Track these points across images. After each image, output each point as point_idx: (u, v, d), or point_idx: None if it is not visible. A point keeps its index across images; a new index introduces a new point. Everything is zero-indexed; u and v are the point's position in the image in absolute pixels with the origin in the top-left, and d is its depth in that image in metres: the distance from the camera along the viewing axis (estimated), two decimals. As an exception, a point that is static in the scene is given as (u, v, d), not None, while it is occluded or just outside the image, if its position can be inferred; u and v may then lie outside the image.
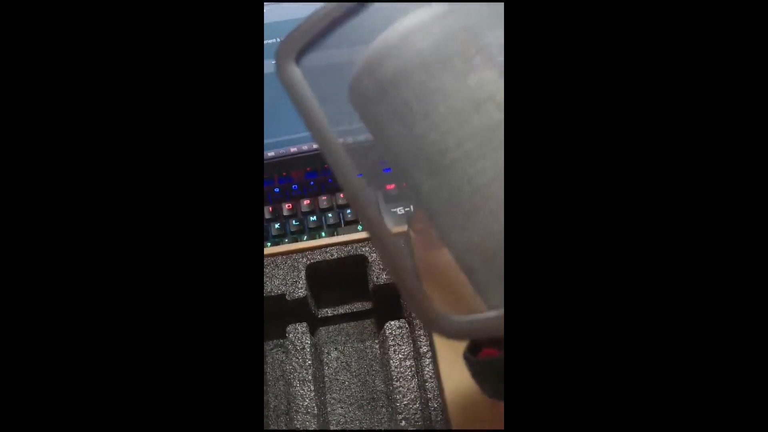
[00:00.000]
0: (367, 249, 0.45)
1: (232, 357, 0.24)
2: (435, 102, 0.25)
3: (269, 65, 0.51)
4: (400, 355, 0.40)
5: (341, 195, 0.54)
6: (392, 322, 0.42)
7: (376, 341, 0.46)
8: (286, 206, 0.54)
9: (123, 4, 0.24)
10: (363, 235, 0.47)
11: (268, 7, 0.51)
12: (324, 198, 0.54)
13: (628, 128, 0.22)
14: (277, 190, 0.55)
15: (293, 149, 0.54)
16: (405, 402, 0.39)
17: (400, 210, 0.55)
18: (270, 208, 0.54)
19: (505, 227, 0.24)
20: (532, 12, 0.23)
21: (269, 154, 0.54)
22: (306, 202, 0.54)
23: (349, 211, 0.54)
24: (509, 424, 0.22)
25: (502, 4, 0.25)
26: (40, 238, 0.23)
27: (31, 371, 0.23)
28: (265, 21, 0.52)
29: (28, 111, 0.23)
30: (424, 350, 0.41)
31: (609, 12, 0.23)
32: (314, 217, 0.53)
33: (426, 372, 0.40)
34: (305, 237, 0.53)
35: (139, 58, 0.24)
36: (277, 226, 0.53)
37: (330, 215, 0.53)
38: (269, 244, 0.52)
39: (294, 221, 0.53)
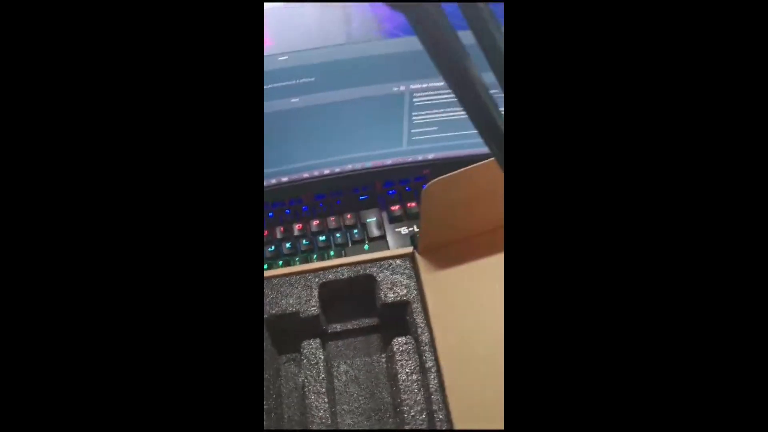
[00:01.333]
0: (375, 269, 0.49)
1: (234, 368, 0.24)
2: None
3: (273, 104, 0.52)
4: (407, 370, 0.44)
5: (348, 216, 0.57)
6: (399, 339, 0.45)
7: (383, 355, 0.49)
8: (297, 227, 0.57)
9: (118, 7, 0.24)
10: (371, 255, 0.50)
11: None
12: (332, 219, 0.57)
13: (629, 133, 0.22)
14: (288, 211, 0.58)
15: (305, 175, 0.57)
16: (412, 414, 0.42)
17: (404, 230, 0.58)
18: (281, 229, 0.57)
19: (505, 230, 0.24)
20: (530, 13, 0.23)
21: (282, 179, 0.57)
22: (315, 222, 0.57)
23: (356, 231, 0.57)
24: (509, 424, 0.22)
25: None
26: (41, 257, 0.23)
27: (29, 386, 0.23)
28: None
29: (21, 120, 0.23)
30: (429, 365, 0.44)
31: (607, 14, 0.23)
32: (323, 237, 0.56)
33: (431, 385, 0.43)
34: (315, 256, 0.56)
35: (137, 67, 0.24)
36: (288, 245, 0.56)
37: (338, 235, 0.57)
38: (281, 262, 0.55)
39: (304, 241, 0.56)
